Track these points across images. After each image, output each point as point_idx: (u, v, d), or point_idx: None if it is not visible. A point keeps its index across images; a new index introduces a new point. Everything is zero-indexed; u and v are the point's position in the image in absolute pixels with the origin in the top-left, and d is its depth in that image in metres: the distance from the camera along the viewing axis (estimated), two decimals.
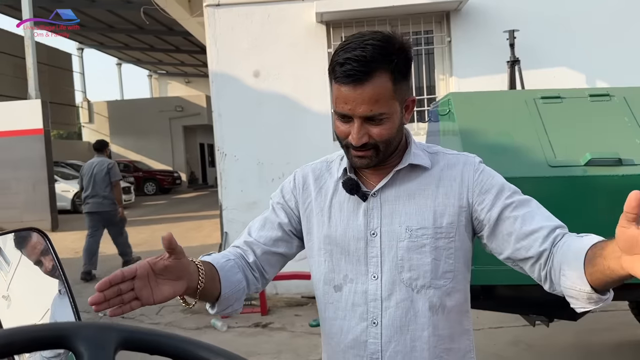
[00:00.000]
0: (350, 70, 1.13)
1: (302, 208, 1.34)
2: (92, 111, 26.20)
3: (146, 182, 22.69)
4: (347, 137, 1.19)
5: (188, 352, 0.61)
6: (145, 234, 11.52)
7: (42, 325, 0.56)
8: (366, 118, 1.16)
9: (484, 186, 1.23)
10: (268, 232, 1.33)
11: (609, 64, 5.65)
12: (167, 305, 6.02)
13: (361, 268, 1.25)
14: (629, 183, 2.69)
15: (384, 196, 1.26)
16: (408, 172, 1.26)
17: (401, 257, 1.22)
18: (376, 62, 1.13)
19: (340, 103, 1.17)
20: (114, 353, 0.57)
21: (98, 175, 7.38)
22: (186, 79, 31.30)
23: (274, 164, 5.79)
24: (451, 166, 1.26)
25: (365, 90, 1.13)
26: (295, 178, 1.37)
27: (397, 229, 1.23)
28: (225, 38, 5.88)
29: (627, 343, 4.31)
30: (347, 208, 1.28)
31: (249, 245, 1.32)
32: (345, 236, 1.27)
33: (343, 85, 1.15)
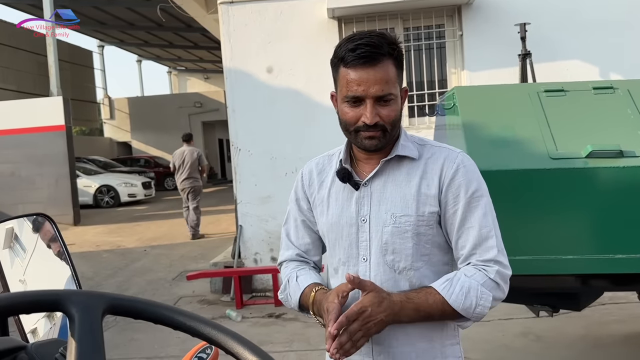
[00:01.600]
0: (364, 52, 1.25)
1: (311, 201, 1.48)
2: (113, 107, 26.59)
3: (166, 178, 22.98)
4: (357, 121, 1.30)
5: (166, 317, 0.71)
6: (165, 227, 11.74)
7: (40, 291, 0.66)
8: (377, 99, 1.27)
9: (454, 183, 1.33)
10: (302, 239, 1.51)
11: (623, 56, 5.61)
12: (184, 296, 6.18)
13: (353, 251, 1.38)
14: (629, 175, 2.72)
15: (374, 185, 1.37)
16: (397, 162, 1.37)
17: (385, 241, 1.34)
18: (383, 48, 1.27)
19: (353, 86, 1.28)
20: (101, 316, 0.66)
21: (190, 161, 9.44)
22: (205, 75, 31.56)
23: (287, 159, 5.88)
24: (435, 160, 1.36)
25: (378, 71, 1.26)
26: (302, 176, 1.51)
27: (383, 216, 1.35)
28: (239, 34, 5.99)
29: (636, 335, 4.31)
30: (342, 197, 1.41)
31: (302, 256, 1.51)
32: (339, 223, 1.39)
33: (357, 67, 1.27)
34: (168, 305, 0.72)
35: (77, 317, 0.64)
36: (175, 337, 4.63)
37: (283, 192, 5.95)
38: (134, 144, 26.46)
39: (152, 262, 8.27)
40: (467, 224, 1.32)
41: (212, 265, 6.42)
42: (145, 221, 13.11)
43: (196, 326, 0.70)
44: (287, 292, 1.47)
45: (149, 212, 15.10)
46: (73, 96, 16.59)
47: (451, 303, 1.26)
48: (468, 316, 1.28)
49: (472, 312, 1.27)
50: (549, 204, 2.84)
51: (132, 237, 10.74)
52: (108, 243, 10.08)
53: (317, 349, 4.36)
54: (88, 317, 0.65)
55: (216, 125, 27.15)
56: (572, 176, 2.77)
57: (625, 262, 2.73)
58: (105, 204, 16.63)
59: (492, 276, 1.29)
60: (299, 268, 1.48)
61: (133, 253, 9.04)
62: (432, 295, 1.28)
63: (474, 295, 1.27)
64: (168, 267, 7.77)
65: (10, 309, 0.62)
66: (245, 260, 6.10)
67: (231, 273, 5.77)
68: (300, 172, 1.53)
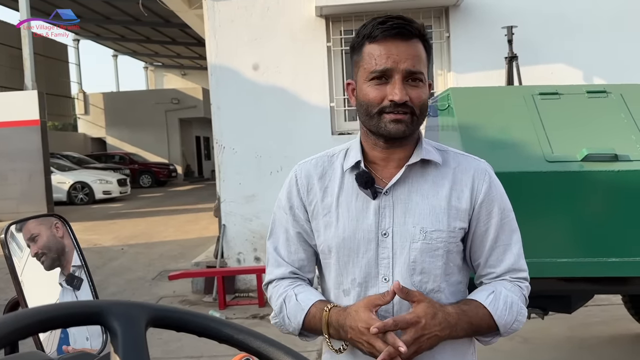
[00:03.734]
0: (396, 25, 1.13)
1: (309, 210, 1.27)
2: (88, 103, 26.12)
3: (142, 175, 22.69)
4: (382, 100, 1.14)
5: (212, 329, 0.65)
6: (141, 226, 11.55)
7: (77, 302, 0.60)
8: (406, 75, 1.13)
9: (488, 199, 1.22)
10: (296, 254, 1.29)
11: (607, 60, 5.69)
12: (165, 297, 6.06)
13: (371, 270, 1.20)
14: (624, 179, 2.74)
15: (396, 194, 1.20)
16: (420, 168, 1.21)
17: (414, 259, 1.18)
18: (416, 27, 1.16)
19: (381, 60, 1.13)
20: (145, 329, 0.60)
21: None
22: (182, 71, 31.23)
23: (272, 157, 5.81)
24: (463, 170, 1.23)
25: (410, 46, 1.14)
26: (297, 181, 1.28)
27: (410, 230, 1.18)
28: (225, 31, 5.89)
29: (620, 337, 4.37)
30: (355, 207, 1.21)
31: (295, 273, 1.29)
32: (354, 238, 1.20)
33: (387, 41, 1.13)
34: (216, 317, 0.66)
35: (120, 332, 0.58)
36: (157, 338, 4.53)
37: (268, 191, 5.89)
38: (109, 140, 26.03)
39: (130, 261, 8.12)
40: (500, 241, 1.23)
41: (194, 265, 6.31)
42: (122, 219, 12.88)
43: (245, 340, 0.65)
44: (283, 315, 1.24)
45: (125, 209, 14.84)
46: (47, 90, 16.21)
47: (496, 318, 1.18)
48: (504, 331, 1.20)
49: (509, 327, 1.20)
50: (544, 207, 2.84)
51: (108, 235, 10.53)
52: (84, 241, 9.86)
53: (304, 350, 4.30)
54: (132, 330, 0.59)
55: (193, 122, 26.90)
56: (568, 179, 2.77)
57: (619, 265, 2.74)
58: (80, 200, 16.32)
59: (525, 292, 1.25)
60: (294, 285, 1.26)
61: (110, 252, 8.86)
62: (481, 308, 1.19)
63: (515, 310, 1.20)
64: (147, 267, 7.62)
65: (47, 323, 0.56)
66: (228, 260, 6.02)
67: (214, 273, 5.68)
68: (292, 175, 1.30)
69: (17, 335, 0.54)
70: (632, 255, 2.75)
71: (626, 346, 4.22)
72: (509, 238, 1.24)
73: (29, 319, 0.56)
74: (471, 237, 1.24)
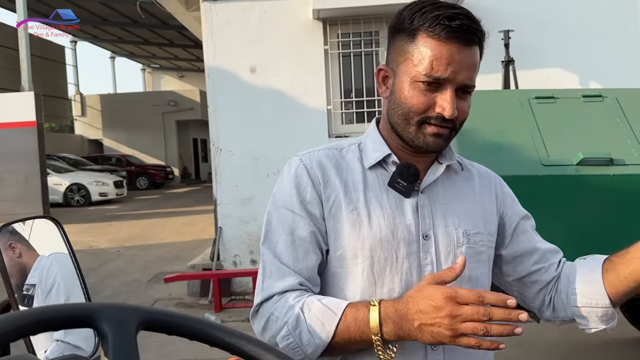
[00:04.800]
0: (465, 25, 0.96)
1: (325, 207, 1.05)
2: (85, 104, 26.08)
3: (139, 177, 22.64)
4: (428, 109, 1.00)
5: (205, 333, 0.65)
6: (138, 228, 11.52)
7: (68, 305, 0.59)
8: (460, 88, 1.00)
9: (511, 196, 1.19)
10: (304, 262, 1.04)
11: (603, 65, 5.71)
12: (161, 299, 6.05)
13: (413, 279, 1.03)
14: (619, 183, 2.75)
15: (431, 193, 1.08)
16: (446, 170, 1.10)
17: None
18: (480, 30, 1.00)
19: (441, 65, 0.97)
20: (135, 332, 0.60)
21: None
22: (180, 73, 31.21)
23: (269, 160, 5.81)
24: (482, 175, 1.17)
25: (472, 55, 1.00)
26: (309, 171, 1.06)
27: (452, 232, 1.06)
28: (222, 33, 5.90)
29: (614, 341, 4.37)
30: (389, 205, 1.05)
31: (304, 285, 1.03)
32: (393, 239, 1.03)
33: (452, 42, 0.97)
34: (207, 320, 0.66)
35: (110, 335, 0.58)
36: (152, 342, 4.52)
37: (265, 194, 5.85)
38: (106, 141, 26.00)
39: (126, 263, 8.09)
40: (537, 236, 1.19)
41: (190, 268, 6.30)
42: (118, 221, 12.85)
43: (237, 343, 0.64)
44: (300, 330, 0.96)
45: (121, 211, 14.81)
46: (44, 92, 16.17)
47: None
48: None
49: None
50: (540, 211, 2.83)
51: (104, 237, 10.51)
52: (79, 243, 9.81)
53: None
54: (122, 334, 0.58)
55: (190, 124, 26.87)
56: (564, 183, 2.78)
57: None
58: (76, 202, 16.27)
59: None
60: (308, 294, 1.01)
61: (106, 254, 8.83)
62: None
63: None
64: (143, 269, 7.60)
65: (37, 325, 0.56)
66: (224, 262, 6.01)
67: (211, 276, 5.67)
68: (298, 165, 1.07)
69: (8, 338, 0.54)
70: None
71: (620, 350, 4.23)
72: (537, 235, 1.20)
73: (19, 321, 0.55)
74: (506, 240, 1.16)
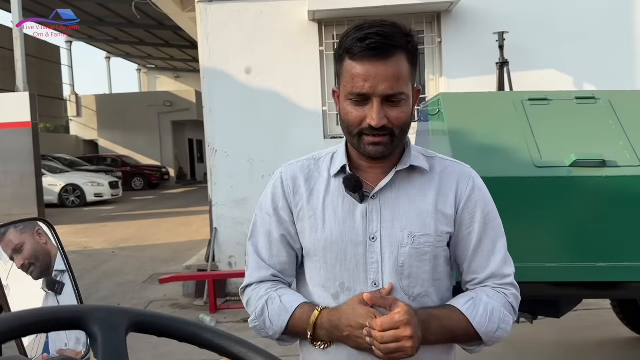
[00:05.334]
0: (374, 43, 1.08)
1: (294, 212, 1.25)
2: (80, 105, 26.01)
3: (134, 177, 22.61)
4: (362, 122, 1.13)
5: (193, 335, 0.65)
6: (133, 229, 11.50)
7: (58, 307, 0.60)
8: (385, 98, 1.11)
9: (470, 203, 1.22)
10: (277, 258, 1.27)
11: (597, 67, 5.74)
12: (155, 300, 6.04)
13: (360, 275, 1.19)
14: (612, 184, 2.76)
15: (384, 198, 1.20)
16: (407, 174, 1.22)
17: (402, 264, 1.18)
18: (398, 40, 1.10)
19: (359, 82, 1.10)
20: (125, 334, 0.61)
21: None
22: (175, 73, 31.16)
23: (264, 161, 5.81)
24: (448, 175, 1.23)
25: (389, 66, 1.09)
26: (283, 182, 1.27)
27: (398, 234, 1.18)
28: (218, 34, 5.90)
29: (609, 341, 4.40)
30: (342, 210, 1.21)
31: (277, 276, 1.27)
32: (342, 241, 1.19)
33: (364, 60, 1.09)
34: (196, 322, 0.67)
35: (100, 337, 0.58)
36: (147, 343, 4.51)
37: (260, 195, 5.85)
38: (101, 142, 25.94)
39: (121, 264, 8.08)
40: (483, 246, 1.22)
41: (185, 269, 6.30)
42: (113, 222, 12.83)
43: (227, 345, 0.65)
44: (264, 317, 1.23)
45: (117, 212, 14.78)
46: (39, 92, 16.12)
47: (475, 325, 1.16)
48: (486, 339, 1.19)
49: (492, 335, 1.18)
50: (533, 212, 2.86)
51: (99, 238, 10.49)
52: (74, 244, 9.80)
53: (295, 354, 4.30)
54: (112, 336, 0.59)
55: (186, 125, 26.84)
56: (557, 184, 2.79)
57: (607, 270, 2.76)
58: (71, 203, 16.23)
59: (511, 300, 1.22)
60: (276, 288, 1.25)
61: (101, 255, 8.82)
62: (456, 313, 1.18)
63: (497, 317, 1.18)
64: (138, 270, 7.59)
65: (28, 327, 0.56)
66: (219, 263, 6.00)
67: (206, 277, 5.66)
68: (277, 176, 1.29)
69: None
70: (620, 260, 2.77)
71: (615, 351, 4.25)
72: (493, 244, 1.23)
73: (10, 323, 0.56)
74: (455, 242, 1.23)
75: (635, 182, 2.74)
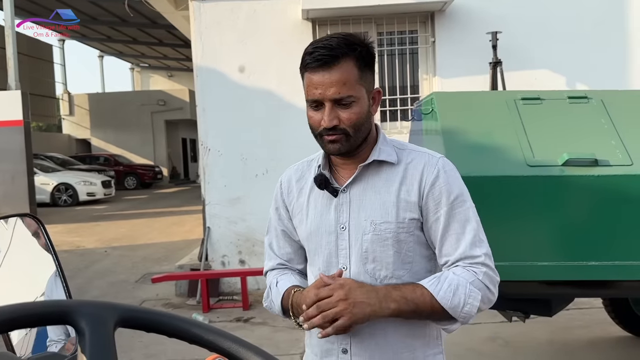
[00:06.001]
0: (318, 56, 1.23)
1: (290, 210, 1.44)
2: (73, 103, 25.87)
3: (127, 177, 22.51)
4: (319, 125, 1.27)
5: (182, 330, 0.65)
6: (125, 228, 11.45)
7: (46, 302, 0.59)
8: (335, 101, 1.24)
9: (434, 189, 1.29)
10: (284, 249, 1.47)
11: (590, 67, 5.77)
12: (148, 300, 6.02)
13: (332, 260, 1.34)
14: (604, 183, 2.77)
15: (353, 192, 1.33)
16: (376, 168, 1.33)
17: (366, 249, 1.30)
18: (341, 49, 1.24)
19: (312, 90, 1.25)
20: (113, 330, 0.60)
21: None
22: (169, 72, 31.06)
23: (258, 160, 5.80)
24: (414, 165, 1.32)
25: (333, 74, 1.23)
26: (281, 184, 1.46)
27: (362, 223, 1.31)
28: (211, 33, 5.88)
29: (601, 340, 4.42)
30: (321, 204, 1.36)
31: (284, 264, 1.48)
32: (318, 231, 1.35)
33: (314, 71, 1.25)
34: (184, 317, 0.66)
35: (87, 332, 0.58)
36: (138, 342, 4.50)
37: (253, 194, 5.87)
38: (94, 141, 25.81)
39: (113, 263, 8.05)
40: (451, 230, 1.28)
41: (178, 268, 6.28)
42: (105, 221, 12.77)
43: (215, 340, 0.65)
44: (270, 299, 1.45)
45: (109, 211, 14.72)
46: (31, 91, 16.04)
47: (439, 299, 1.22)
48: (455, 315, 1.23)
49: (459, 310, 1.23)
50: (526, 210, 2.87)
51: (91, 237, 10.43)
52: (66, 243, 9.76)
53: (287, 353, 4.30)
54: (99, 331, 0.58)
55: (180, 124, 26.75)
56: (549, 183, 2.80)
57: (599, 269, 2.78)
58: (63, 202, 16.14)
59: (481, 277, 1.25)
60: (280, 274, 1.46)
61: (93, 254, 8.77)
62: (420, 288, 1.24)
63: (462, 292, 1.22)
64: (130, 269, 7.56)
65: (13, 322, 0.56)
66: (212, 262, 5.99)
67: (198, 276, 5.65)
68: (279, 179, 1.49)
69: None
70: (612, 259, 2.78)
71: (607, 349, 4.27)
72: (462, 227, 1.28)
73: None
74: (426, 227, 1.31)
75: (626, 181, 2.76)
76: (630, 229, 2.78)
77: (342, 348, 1.32)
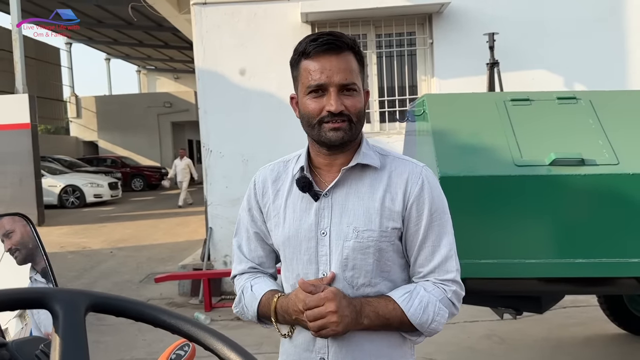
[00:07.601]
0: (327, 40, 1.22)
1: (264, 212, 1.38)
2: (80, 106, 26.09)
3: (134, 178, 22.66)
4: (320, 112, 1.23)
5: (148, 315, 0.73)
6: (131, 229, 11.57)
7: (25, 289, 0.67)
8: (340, 88, 1.22)
9: (419, 200, 1.28)
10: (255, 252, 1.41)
11: (587, 67, 5.81)
12: (151, 299, 6.11)
13: (312, 267, 1.30)
14: (590, 182, 2.83)
15: (335, 196, 1.29)
16: (359, 172, 1.30)
17: (346, 256, 1.27)
18: (345, 40, 1.24)
19: (317, 75, 1.22)
20: (84, 314, 0.68)
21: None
22: (175, 74, 31.23)
23: (258, 161, 5.87)
24: (399, 173, 1.30)
25: (341, 60, 1.22)
26: (255, 185, 1.40)
27: (344, 229, 1.27)
28: (212, 36, 5.98)
29: (596, 337, 4.47)
30: (299, 208, 1.31)
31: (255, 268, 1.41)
32: (297, 236, 1.30)
33: (319, 56, 1.22)
34: (150, 304, 0.74)
35: (61, 315, 0.66)
36: (142, 340, 4.59)
37: None
38: (101, 143, 26.01)
39: (118, 264, 8.16)
40: (428, 242, 1.28)
41: (180, 268, 6.37)
42: (112, 222, 12.91)
43: (177, 324, 0.72)
44: (242, 305, 1.38)
45: (115, 213, 14.86)
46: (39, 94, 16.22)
47: (409, 316, 1.24)
48: (422, 330, 1.26)
49: (427, 327, 1.25)
50: (514, 209, 2.93)
51: (97, 238, 10.56)
52: (73, 244, 9.89)
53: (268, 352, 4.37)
54: (72, 314, 0.66)
55: (186, 125, 26.89)
56: (536, 183, 2.86)
57: (586, 266, 2.83)
58: (71, 204, 16.30)
59: (449, 295, 1.28)
60: (252, 278, 1.39)
61: (99, 254, 8.89)
62: (392, 303, 1.25)
63: (431, 310, 1.25)
64: (135, 269, 7.67)
65: None
66: (214, 262, 6.08)
67: (200, 275, 5.74)
68: (252, 180, 1.42)
69: None
70: (599, 256, 2.84)
71: (602, 347, 4.31)
72: (439, 240, 1.29)
73: None
74: (405, 237, 1.30)
75: (612, 180, 2.81)
76: (616, 226, 2.84)
77: (319, 357, 1.29)
